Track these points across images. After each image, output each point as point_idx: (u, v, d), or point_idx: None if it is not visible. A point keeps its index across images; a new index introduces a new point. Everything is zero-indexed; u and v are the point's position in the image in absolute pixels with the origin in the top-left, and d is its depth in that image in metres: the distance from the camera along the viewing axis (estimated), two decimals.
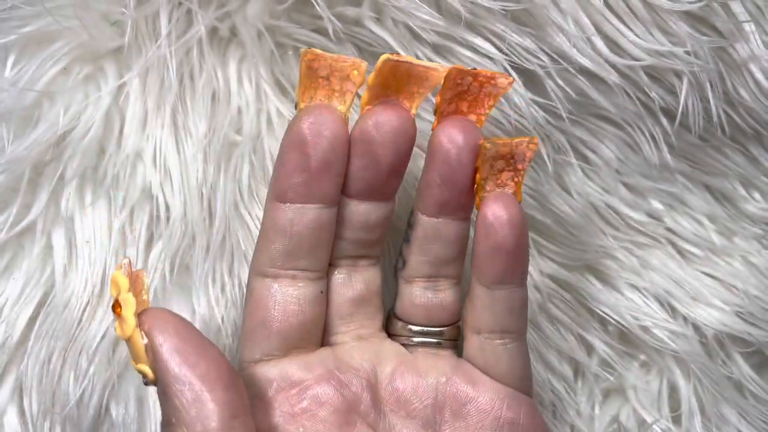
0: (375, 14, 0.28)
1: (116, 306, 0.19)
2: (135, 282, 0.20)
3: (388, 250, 0.30)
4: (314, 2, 0.27)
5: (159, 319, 0.19)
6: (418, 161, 0.31)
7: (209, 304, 0.30)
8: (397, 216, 0.29)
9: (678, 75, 0.30)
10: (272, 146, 0.30)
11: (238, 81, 0.29)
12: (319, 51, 0.23)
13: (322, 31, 0.29)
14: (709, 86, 0.29)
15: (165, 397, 0.19)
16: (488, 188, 0.24)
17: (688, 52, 0.28)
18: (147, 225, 0.29)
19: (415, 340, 0.26)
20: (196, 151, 0.29)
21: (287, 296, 0.24)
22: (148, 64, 0.28)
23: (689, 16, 0.29)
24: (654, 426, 0.33)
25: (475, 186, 0.24)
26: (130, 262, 0.20)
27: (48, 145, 0.28)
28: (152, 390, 0.29)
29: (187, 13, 0.28)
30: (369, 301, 0.26)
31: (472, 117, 0.25)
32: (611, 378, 0.33)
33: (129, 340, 0.19)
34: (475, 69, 0.24)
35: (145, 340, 0.19)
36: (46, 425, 0.28)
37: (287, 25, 0.29)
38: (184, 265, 0.30)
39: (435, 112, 0.25)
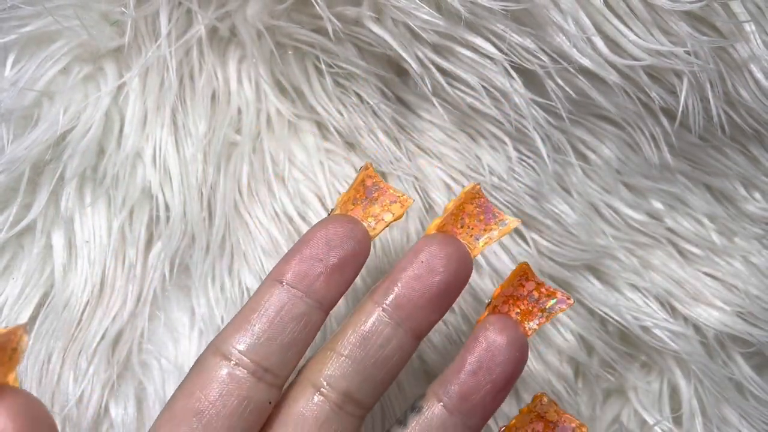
0: (375, 14, 0.28)
1: None
2: (4, 345, 0.17)
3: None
4: (314, 2, 0.27)
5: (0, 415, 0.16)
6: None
7: (209, 304, 0.30)
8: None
9: (678, 75, 0.29)
10: (272, 146, 0.30)
11: (237, 81, 0.29)
12: (375, 171, 0.24)
13: (321, 31, 0.29)
14: (709, 86, 0.29)
15: None
16: None
17: (688, 52, 0.28)
18: (147, 225, 0.29)
19: None
20: (195, 151, 0.29)
21: (236, 390, 0.21)
22: (147, 64, 0.28)
23: (689, 16, 0.29)
24: (655, 427, 0.33)
25: (503, 428, 0.24)
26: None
27: (48, 145, 0.28)
28: (152, 390, 0.29)
29: (187, 13, 0.28)
30: None
31: None
32: (612, 378, 0.33)
33: None
34: (541, 281, 0.24)
35: None
36: None
37: (287, 25, 0.29)
38: (183, 265, 0.30)
39: (487, 305, 0.24)
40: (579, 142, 0.32)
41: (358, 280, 0.29)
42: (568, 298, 0.24)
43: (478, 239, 0.24)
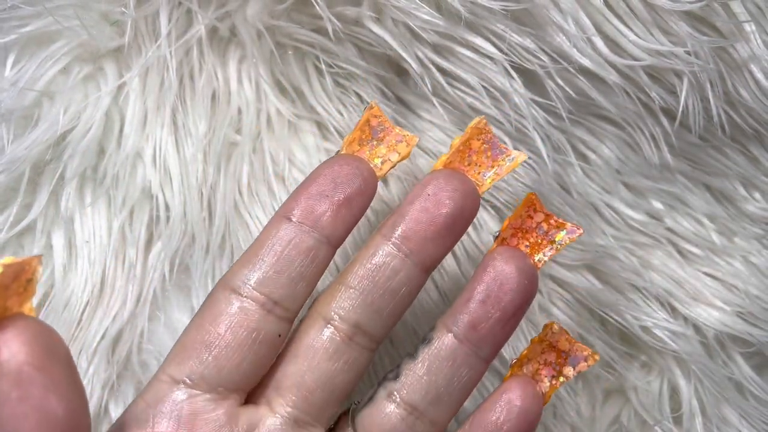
0: (375, 14, 0.28)
1: None
2: (18, 275, 0.17)
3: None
4: (314, 2, 0.27)
5: (12, 341, 0.16)
6: (417, 160, 0.31)
7: None
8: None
9: (678, 75, 0.29)
10: (272, 146, 0.30)
11: (237, 81, 0.29)
12: (381, 111, 0.24)
13: (321, 31, 0.29)
14: (709, 86, 0.29)
15: None
16: (523, 371, 0.24)
17: (688, 52, 0.28)
18: (147, 225, 0.29)
19: None
20: (195, 151, 0.29)
21: (246, 321, 0.21)
22: (147, 63, 0.28)
23: (689, 16, 0.29)
24: (655, 427, 0.33)
25: (514, 360, 0.24)
26: (29, 260, 0.17)
27: (48, 145, 0.28)
28: None
29: (187, 13, 0.28)
30: (335, 387, 0.22)
31: None
32: (612, 378, 0.33)
33: None
34: (549, 212, 0.24)
35: None
36: None
37: (287, 25, 0.29)
38: (183, 265, 0.30)
39: (495, 238, 0.24)
40: (579, 142, 0.32)
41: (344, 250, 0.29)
42: (578, 228, 0.24)
43: (485, 176, 0.24)
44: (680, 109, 0.30)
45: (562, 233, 0.24)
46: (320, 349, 0.22)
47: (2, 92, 0.27)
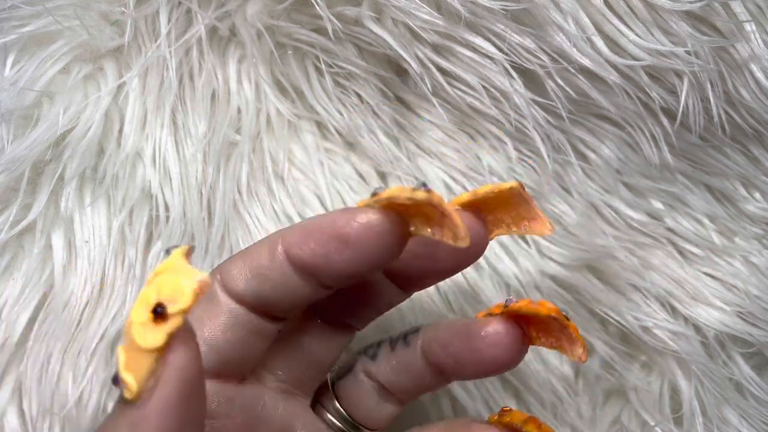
0: (375, 14, 0.28)
1: (158, 314, 0.16)
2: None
3: None
4: (314, 2, 0.27)
5: (183, 356, 0.16)
6: None
7: None
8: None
9: (678, 75, 0.29)
10: (271, 146, 0.30)
11: (237, 81, 0.29)
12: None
13: (321, 31, 0.29)
14: (709, 86, 0.29)
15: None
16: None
17: (688, 52, 0.28)
18: (146, 225, 0.29)
19: (337, 424, 0.25)
20: (195, 150, 0.29)
21: (245, 323, 0.22)
22: (147, 63, 0.28)
23: (690, 16, 0.29)
24: (656, 428, 0.33)
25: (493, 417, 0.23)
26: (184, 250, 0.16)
27: (48, 145, 0.28)
28: None
29: (187, 12, 0.28)
30: (319, 364, 0.24)
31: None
32: (612, 379, 0.33)
33: (139, 348, 0.16)
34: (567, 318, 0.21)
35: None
36: (45, 426, 0.28)
37: (287, 25, 0.29)
38: None
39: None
40: (579, 142, 0.32)
41: None
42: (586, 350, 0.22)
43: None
44: (680, 109, 0.30)
45: None
46: (304, 333, 0.24)
47: (2, 92, 0.27)
